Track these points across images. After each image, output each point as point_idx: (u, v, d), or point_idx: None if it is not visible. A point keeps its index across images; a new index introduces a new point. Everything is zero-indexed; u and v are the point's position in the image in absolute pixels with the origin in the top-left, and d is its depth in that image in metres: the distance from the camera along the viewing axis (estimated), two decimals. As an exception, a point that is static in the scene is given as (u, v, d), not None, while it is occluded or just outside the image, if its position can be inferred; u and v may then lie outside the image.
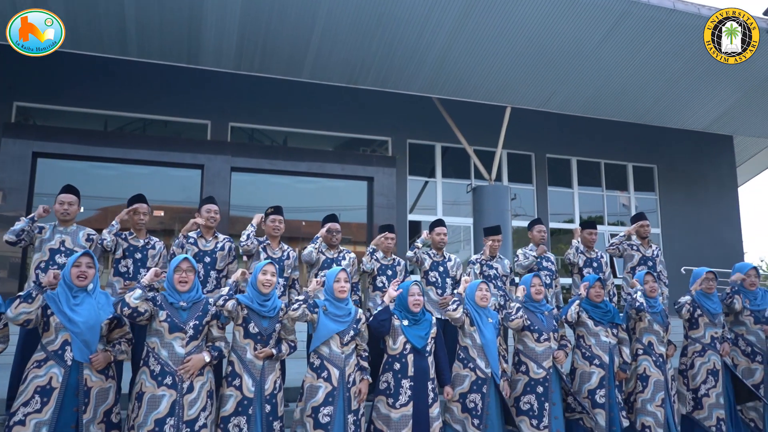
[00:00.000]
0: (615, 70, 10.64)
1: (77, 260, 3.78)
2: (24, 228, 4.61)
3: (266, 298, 4.15)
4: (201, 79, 11.20)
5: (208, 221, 5.24)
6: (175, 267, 3.95)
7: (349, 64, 10.17)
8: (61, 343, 3.62)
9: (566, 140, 13.59)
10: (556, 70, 10.55)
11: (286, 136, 12.55)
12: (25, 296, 3.51)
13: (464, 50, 9.96)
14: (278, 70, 10.14)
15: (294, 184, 12.55)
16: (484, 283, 4.72)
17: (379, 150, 13.10)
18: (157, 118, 11.82)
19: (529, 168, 13.61)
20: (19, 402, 3.50)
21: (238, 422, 3.88)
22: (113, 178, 11.50)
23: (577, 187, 13.87)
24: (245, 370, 3.99)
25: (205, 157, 11.56)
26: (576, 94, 11.16)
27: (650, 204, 14.26)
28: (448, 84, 10.67)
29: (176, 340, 3.80)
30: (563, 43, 9.99)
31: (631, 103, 11.50)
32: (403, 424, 4.24)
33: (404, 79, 10.53)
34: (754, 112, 12.01)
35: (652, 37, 10.03)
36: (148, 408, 3.67)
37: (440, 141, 13.07)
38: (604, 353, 4.84)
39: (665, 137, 13.81)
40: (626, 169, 14.31)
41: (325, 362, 4.16)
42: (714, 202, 14.49)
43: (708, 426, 5.03)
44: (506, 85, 10.85)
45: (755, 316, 5.44)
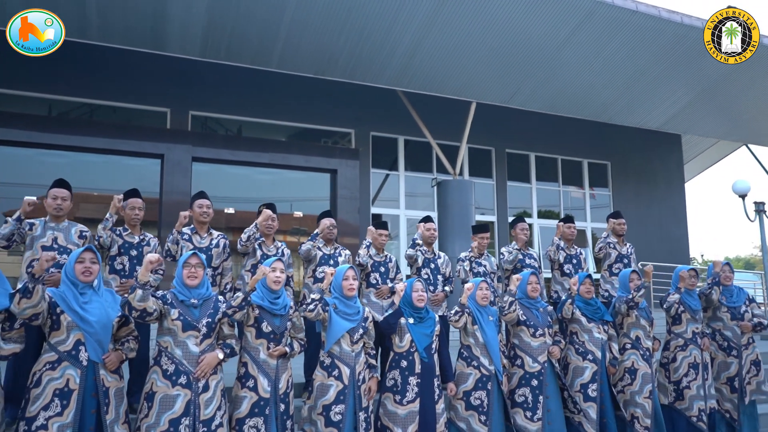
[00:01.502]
0: (578, 69, 10.89)
1: (80, 255, 3.61)
2: (12, 231, 4.36)
3: (276, 296, 4.08)
4: (160, 65, 10.81)
5: (202, 216, 5.09)
6: (184, 262, 3.82)
7: (318, 55, 10.04)
8: (74, 343, 3.46)
9: (525, 136, 13.84)
10: (521, 68, 10.72)
11: (241, 125, 12.29)
12: (22, 291, 3.31)
13: (433, 45, 9.98)
14: (246, 59, 9.91)
15: (255, 175, 12.33)
16: (485, 282, 4.77)
17: (341, 142, 13.01)
18: (112, 105, 11.38)
19: (490, 163, 13.80)
20: (37, 406, 3.34)
21: (255, 423, 3.80)
22: (64, 166, 11.02)
23: (535, 182, 14.17)
24: (260, 370, 3.90)
25: (165, 146, 11.17)
26: (539, 92, 11.37)
27: (604, 200, 14.73)
28: (416, 78, 10.68)
29: (190, 338, 3.69)
30: (530, 40, 10.14)
31: (591, 101, 11.81)
32: (410, 420, 4.26)
33: (372, 71, 10.47)
34: (704, 113, 12.54)
35: (614, 37, 10.30)
36: (161, 408, 3.55)
37: (403, 134, 13.08)
38: (597, 349, 4.98)
39: (619, 135, 14.24)
40: (582, 166, 14.71)
41: (336, 360, 4.12)
42: (662, 198, 15.08)
43: (689, 416, 5.25)
44: (472, 81, 10.95)
45: (731, 313, 5.70)
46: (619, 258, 6.48)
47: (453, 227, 11.13)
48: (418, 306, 4.49)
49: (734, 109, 12.66)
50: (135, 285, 3.57)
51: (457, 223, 11.09)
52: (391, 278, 5.69)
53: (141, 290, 3.56)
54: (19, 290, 3.32)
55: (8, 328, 3.48)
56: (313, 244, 5.47)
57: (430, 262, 5.83)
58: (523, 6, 9.44)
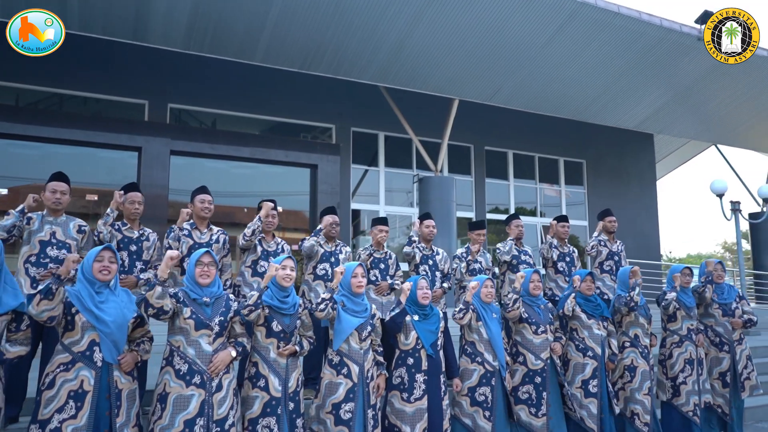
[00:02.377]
0: (559, 69, 11.02)
1: (99, 254, 3.50)
2: (15, 223, 4.22)
3: (286, 294, 4.03)
4: (138, 57, 10.58)
5: (203, 211, 5.01)
6: (197, 261, 3.75)
7: (304, 50, 9.96)
8: (89, 343, 3.36)
9: (504, 134, 13.96)
10: (504, 66, 10.80)
11: (218, 118, 12.12)
12: (45, 292, 3.21)
13: (419, 41, 9.99)
14: (230, 52, 9.77)
15: (232, 169, 12.17)
16: (490, 280, 4.80)
17: (321, 137, 12.93)
18: (87, 95, 11.11)
19: (468, 160, 13.88)
20: (51, 408, 3.24)
21: (268, 423, 3.75)
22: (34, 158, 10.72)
23: (513, 180, 14.31)
24: (270, 369, 3.85)
25: (142, 138, 10.93)
26: (521, 90, 11.48)
27: (579, 197, 14.96)
28: (400, 74, 10.68)
29: (203, 337, 3.62)
30: (514, 39, 10.22)
31: (571, 100, 11.97)
32: (418, 418, 4.27)
33: (358, 67, 10.44)
34: (677, 114, 12.83)
35: (596, 38, 10.45)
36: (175, 409, 3.48)
37: (384, 130, 13.08)
38: (597, 345, 5.06)
39: (594, 134, 14.46)
40: (558, 164, 14.90)
41: (345, 358, 4.10)
42: (635, 195, 15.38)
43: (686, 411, 5.38)
44: (456, 78, 11.00)
45: (723, 309, 5.86)
46: (610, 255, 6.59)
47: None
48: (422, 303, 4.50)
49: (705, 111, 12.98)
50: (154, 282, 3.49)
51: (439, 220, 11.00)
52: (390, 275, 5.68)
53: (161, 287, 3.49)
54: (40, 291, 3.22)
55: (14, 330, 3.38)
56: (317, 240, 5.42)
57: (428, 259, 5.84)
58: (509, 5, 9.51)
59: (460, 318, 4.68)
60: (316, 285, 5.36)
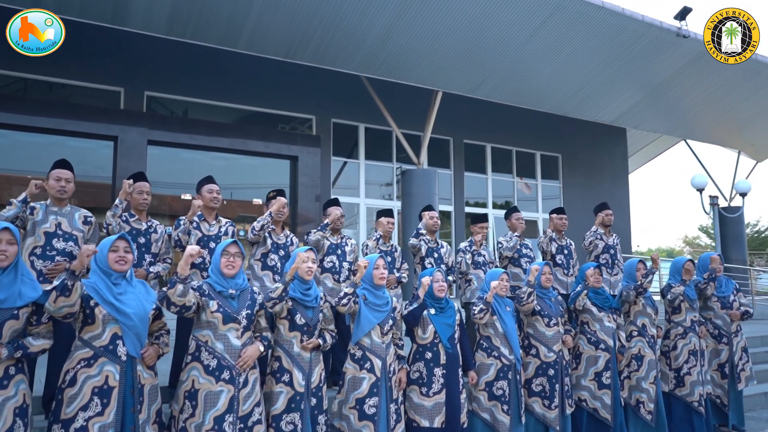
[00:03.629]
0: (542, 62, 11.07)
1: (114, 244, 3.35)
2: (17, 214, 3.99)
3: (308, 287, 3.92)
4: (113, 41, 10.22)
5: (212, 202, 4.84)
6: (223, 250, 3.61)
7: (288, 38, 9.75)
8: (111, 337, 3.21)
9: (483, 127, 13.99)
10: (489, 58, 10.79)
11: (193, 107, 11.82)
12: (60, 288, 3.04)
13: (404, 32, 9.89)
14: (213, 39, 9.50)
15: (209, 160, 11.90)
16: (506, 274, 4.77)
17: (301, 128, 12.75)
18: (61, 82, 10.68)
19: (448, 153, 13.87)
20: (75, 407, 3.08)
21: (292, 419, 3.65)
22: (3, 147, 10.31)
23: (491, 173, 14.37)
24: (294, 364, 3.75)
25: (118, 128, 10.59)
26: (504, 83, 11.50)
27: (554, 191, 15.12)
28: (385, 65, 10.56)
29: (230, 331, 3.49)
30: (499, 31, 10.20)
31: (551, 94, 12.05)
32: (436, 412, 4.23)
33: (342, 56, 10.28)
34: (653, 109, 13.07)
35: (580, 32, 10.52)
36: (206, 405, 3.35)
37: (364, 122, 12.97)
38: (609, 337, 5.09)
39: (569, 128, 14.61)
40: (534, 157, 15.03)
41: (367, 353, 4.03)
42: (608, 189, 15.61)
43: (690, 401, 5.48)
44: (440, 70, 10.94)
45: (721, 302, 5.97)
46: (606, 249, 6.65)
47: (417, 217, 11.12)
48: (438, 296, 4.45)
49: (679, 107, 13.25)
50: (175, 279, 3.35)
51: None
52: (397, 268, 5.62)
53: (182, 285, 3.34)
54: (56, 287, 3.05)
55: (36, 323, 3.20)
56: (323, 234, 5.31)
57: (433, 252, 5.78)
58: (495, -2, 9.50)
59: (480, 318, 4.64)
60: (324, 278, 5.26)
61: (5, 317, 3.03)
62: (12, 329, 3.06)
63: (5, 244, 3.07)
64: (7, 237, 3.09)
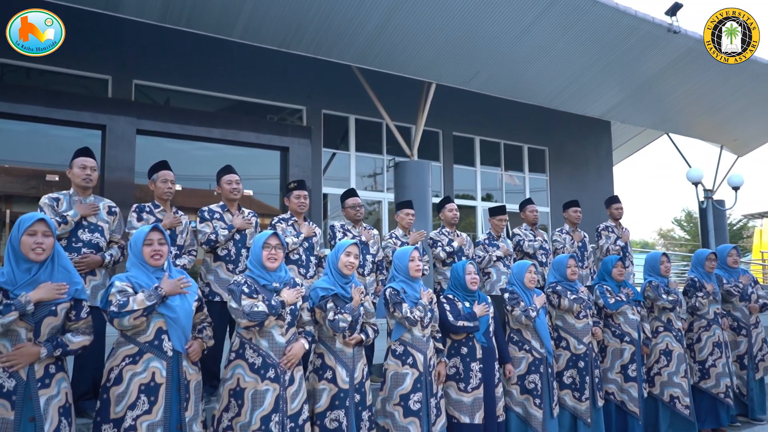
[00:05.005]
0: (536, 56, 11.08)
1: (147, 237, 3.22)
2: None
3: (347, 281, 3.83)
4: (100, 28, 9.91)
5: (232, 193, 4.72)
6: (264, 243, 3.49)
7: (284, 27, 9.58)
8: (155, 331, 3.10)
9: (471, 119, 13.97)
10: (483, 51, 10.75)
11: (169, 96, 11.56)
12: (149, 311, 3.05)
13: (400, 24, 9.79)
14: (208, 27, 9.26)
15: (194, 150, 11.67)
16: (533, 266, 4.75)
17: (290, 119, 12.57)
18: (46, 69, 10.32)
19: (437, 145, 13.83)
20: (123, 405, 2.98)
21: (336, 416, 3.57)
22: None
23: (479, 166, 14.37)
24: (337, 360, 3.67)
25: (106, 116, 10.30)
26: (497, 76, 11.49)
27: (541, 184, 15.21)
28: (380, 56, 10.45)
29: (275, 328, 3.40)
30: (495, 24, 10.17)
31: (544, 88, 12.08)
32: (476, 408, 4.19)
33: (338, 47, 10.14)
34: (642, 103, 13.21)
35: (574, 26, 10.55)
36: (253, 405, 3.26)
37: (355, 113, 12.84)
38: (633, 330, 5.11)
39: (556, 121, 14.67)
40: (522, 150, 15.08)
41: (409, 348, 3.97)
42: (593, 183, 15.77)
43: (716, 393, 5.53)
44: (434, 62, 10.87)
45: (740, 294, 6.02)
46: (615, 241, 6.68)
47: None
48: (471, 289, 4.41)
49: (666, 102, 13.42)
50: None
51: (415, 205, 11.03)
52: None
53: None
54: (145, 309, 3.02)
55: (75, 318, 3.05)
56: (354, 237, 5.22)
57: (452, 243, 5.73)
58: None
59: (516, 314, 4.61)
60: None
61: (43, 314, 2.88)
62: (50, 326, 2.92)
63: (41, 236, 2.92)
64: (43, 229, 2.93)
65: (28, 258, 2.87)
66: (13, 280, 2.85)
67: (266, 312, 3.29)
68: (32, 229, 2.89)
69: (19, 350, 2.79)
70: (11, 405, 2.74)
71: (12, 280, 2.84)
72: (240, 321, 3.30)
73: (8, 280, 2.84)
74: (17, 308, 2.74)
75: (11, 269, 2.87)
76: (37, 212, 3.09)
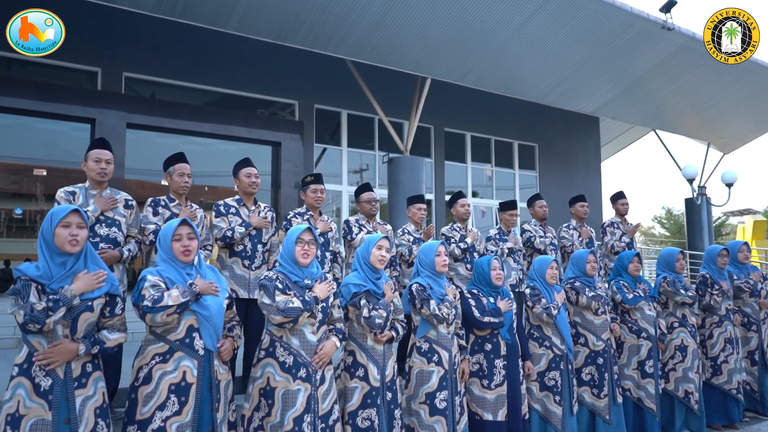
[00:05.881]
0: (532, 51, 11.04)
1: (176, 231, 3.09)
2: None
3: (378, 277, 3.74)
4: (89, 19, 9.66)
5: (251, 186, 4.60)
6: (297, 238, 3.38)
7: (281, 20, 9.42)
8: (186, 329, 2.98)
9: (463, 116, 13.94)
10: (479, 46, 10.69)
11: (166, 89, 11.35)
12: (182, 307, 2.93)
13: (397, 19, 9.69)
14: (204, 19, 9.06)
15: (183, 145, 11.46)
16: (555, 262, 4.70)
17: (282, 113, 12.43)
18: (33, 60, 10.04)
19: (429, 141, 13.78)
20: (152, 406, 2.85)
21: (368, 415, 3.48)
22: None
23: (470, 162, 14.35)
24: (369, 358, 3.58)
25: (96, 110, 10.07)
26: (492, 72, 11.45)
27: (530, 180, 15.24)
28: (376, 50, 10.34)
29: (306, 326, 3.29)
30: (492, 19, 10.12)
31: (537, 84, 12.06)
32: (500, 405, 4.13)
33: (334, 41, 10.00)
34: (633, 100, 13.28)
35: (569, 22, 10.53)
36: (284, 405, 3.15)
37: (347, 108, 12.73)
38: (650, 326, 5.09)
39: (546, 118, 14.72)
40: (512, 147, 15.09)
41: (434, 345, 3.89)
42: (581, 179, 15.85)
43: (728, 389, 5.54)
44: (430, 57, 10.79)
45: (750, 290, 6.04)
46: (620, 237, 6.68)
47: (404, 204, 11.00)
48: (496, 285, 4.35)
49: (656, 100, 13.50)
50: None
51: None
52: None
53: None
54: (178, 306, 2.90)
55: (109, 314, 2.93)
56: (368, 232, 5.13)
57: (464, 239, 5.67)
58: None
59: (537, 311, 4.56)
60: None
61: (80, 309, 2.75)
62: (87, 322, 2.79)
63: (75, 227, 2.79)
64: (77, 220, 2.80)
65: (63, 250, 2.74)
66: (49, 274, 2.71)
67: (301, 308, 3.20)
68: (66, 221, 2.76)
69: (57, 347, 2.66)
70: (48, 405, 2.62)
71: (48, 274, 2.71)
72: (273, 318, 3.19)
73: (44, 274, 2.71)
74: (65, 303, 2.62)
75: (46, 263, 2.73)
76: (68, 204, 2.95)
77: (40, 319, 2.56)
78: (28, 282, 2.65)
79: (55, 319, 2.59)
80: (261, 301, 3.27)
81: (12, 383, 2.67)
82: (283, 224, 4.90)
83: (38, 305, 2.57)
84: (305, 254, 3.38)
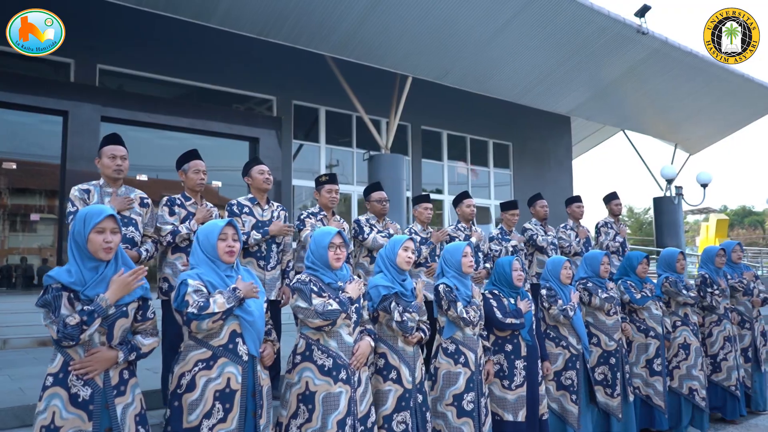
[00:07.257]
0: (512, 52, 11.15)
1: (222, 231, 2.99)
2: None
3: (404, 278, 3.70)
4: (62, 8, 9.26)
5: (265, 183, 4.49)
6: (329, 243, 3.31)
7: (265, 15, 9.26)
8: (229, 334, 2.87)
9: (439, 114, 13.97)
10: (460, 46, 10.73)
11: (133, 81, 11.04)
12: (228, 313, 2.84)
13: (382, 16, 9.64)
14: (187, 13, 8.84)
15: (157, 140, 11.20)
16: (569, 261, 4.72)
17: (258, 108, 12.22)
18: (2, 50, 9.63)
19: (405, 139, 13.76)
20: (198, 414, 2.75)
21: (403, 418, 3.43)
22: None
23: (447, 160, 14.39)
24: (400, 360, 3.53)
25: (69, 102, 9.73)
26: (473, 71, 11.51)
27: (505, 178, 15.39)
28: (359, 48, 10.27)
29: (343, 327, 3.22)
30: (473, 20, 10.15)
31: (516, 84, 12.19)
32: (520, 405, 4.13)
33: (318, 37, 9.90)
34: (605, 102, 13.55)
35: (549, 23, 10.66)
36: (326, 409, 3.08)
37: (325, 105, 12.61)
38: (657, 325, 5.17)
39: (520, 117, 14.88)
40: (487, 145, 15.20)
41: (461, 346, 3.86)
42: (554, 178, 16.09)
43: (728, 386, 5.67)
44: (411, 56, 10.78)
45: (743, 289, 6.20)
46: (615, 237, 6.78)
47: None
48: (517, 286, 4.34)
49: (628, 101, 13.82)
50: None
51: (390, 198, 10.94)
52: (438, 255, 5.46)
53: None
54: (224, 312, 2.80)
55: (141, 318, 2.80)
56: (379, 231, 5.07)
57: (469, 239, 5.66)
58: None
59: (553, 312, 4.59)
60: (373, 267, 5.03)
61: (116, 316, 2.63)
62: (122, 328, 2.67)
63: (110, 233, 2.66)
64: (112, 226, 2.67)
65: (96, 257, 2.62)
66: (81, 279, 2.58)
67: (340, 309, 3.13)
68: (101, 226, 2.63)
69: (95, 356, 2.53)
70: (88, 415, 2.50)
71: (81, 280, 2.58)
72: (312, 321, 3.11)
73: (77, 280, 2.57)
74: (100, 314, 2.49)
75: (79, 269, 2.60)
76: (104, 206, 2.79)
77: (74, 335, 2.43)
78: (59, 291, 2.52)
79: (90, 332, 2.48)
80: (296, 305, 3.19)
81: (46, 394, 2.53)
82: (296, 224, 4.79)
83: (71, 319, 2.44)
84: (338, 258, 3.32)
